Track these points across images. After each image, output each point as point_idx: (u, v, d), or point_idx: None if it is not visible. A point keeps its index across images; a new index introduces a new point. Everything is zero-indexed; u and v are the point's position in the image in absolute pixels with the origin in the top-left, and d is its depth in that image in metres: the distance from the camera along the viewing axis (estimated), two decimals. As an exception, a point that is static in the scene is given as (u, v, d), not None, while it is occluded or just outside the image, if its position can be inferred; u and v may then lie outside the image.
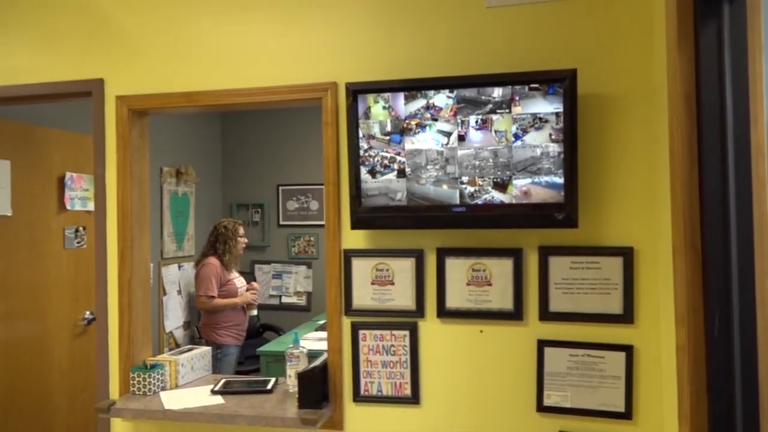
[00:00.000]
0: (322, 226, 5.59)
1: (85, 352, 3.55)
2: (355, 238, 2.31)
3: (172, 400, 2.34)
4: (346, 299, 2.31)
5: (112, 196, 2.53)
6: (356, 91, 2.17)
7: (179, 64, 2.47)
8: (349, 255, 2.30)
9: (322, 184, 2.39)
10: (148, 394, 2.41)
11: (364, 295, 2.30)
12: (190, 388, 2.49)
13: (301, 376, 2.22)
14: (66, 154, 3.47)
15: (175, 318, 4.92)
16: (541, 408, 2.15)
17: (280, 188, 5.81)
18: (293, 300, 5.81)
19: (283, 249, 5.86)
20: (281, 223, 5.85)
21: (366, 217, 2.20)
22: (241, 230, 4.54)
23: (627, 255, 2.08)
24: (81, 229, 3.57)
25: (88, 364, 3.53)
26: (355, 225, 2.23)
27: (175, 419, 2.26)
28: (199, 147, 5.62)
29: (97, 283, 2.55)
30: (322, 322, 4.82)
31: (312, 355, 2.47)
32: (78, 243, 3.54)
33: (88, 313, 3.55)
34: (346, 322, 2.31)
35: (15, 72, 2.62)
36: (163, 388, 2.47)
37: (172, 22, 2.48)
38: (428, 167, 2.13)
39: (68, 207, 3.46)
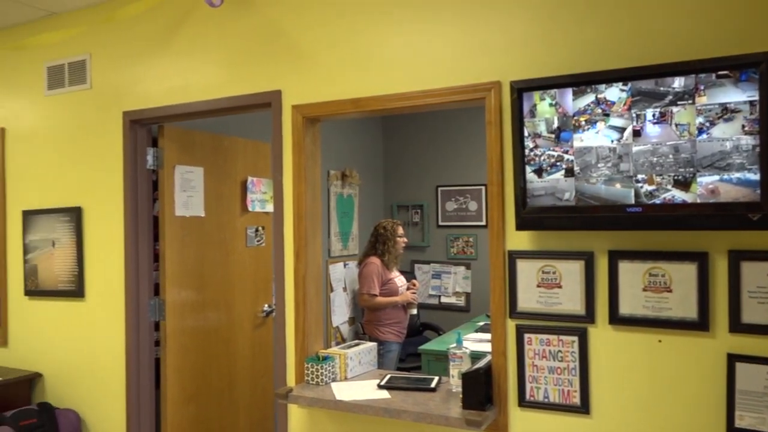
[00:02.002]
0: (480, 226, 5.59)
1: (264, 342, 3.87)
2: (519, 240, 2.26)
3: (342, 391, 2.47)
4: (511, 301, 2.27)
5: (288, 199, 2.73)
6: (521, 89, 2.13)
7: (347, 71, 2.59)
8: (513, 256, 2.26)
9: (480, 185, 2.38)
10: (321, 384, 2.57)
11: (529, 298, 2.24)
12: (358, 381, 2.61)
13: (466, 377, 2.22)
14: (247, 161, 3.82)
15: (341, 313, 5.19)
16: (732, 430, 1.94)
17: (439, 189, 5.87)
18: (452, 300, 5.84)
19: (441, 249, 5.92)
20: (440, 223, 5.90)
21: (532, 217, 2.15)
22: (400, 230, 4.66)
23: (842, 261, 1.81)
24: (260, 228, 3.90)
25: (266, 352, 3.85)
26: (521, 226, 2.18)
27: (345, 410, 2.38)
28: (362, 150, 5.87)
29: (275, 279, 2.77)
30: (482, 323, 4.79)
31: (474, 356, 2.46)
32: (258, 242, 3.88)
33: (266, 306, 3.87)
34: (511, 325, 2.27)
35: (206, 89, 2.94)
36: (334, 380, 2.61)
37: (340, 32, 2.61)
38: (599, 165, 2.02)
39: (249, 209, 3.81)
